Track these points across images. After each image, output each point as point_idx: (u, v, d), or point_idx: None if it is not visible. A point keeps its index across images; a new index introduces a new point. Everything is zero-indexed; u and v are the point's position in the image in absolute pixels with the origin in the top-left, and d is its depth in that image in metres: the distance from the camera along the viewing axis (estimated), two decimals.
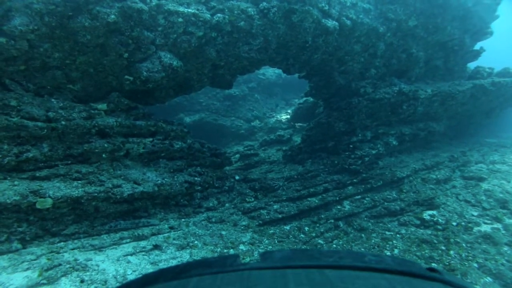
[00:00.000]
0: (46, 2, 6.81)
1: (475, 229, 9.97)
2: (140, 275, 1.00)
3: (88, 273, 6.46)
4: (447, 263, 8.35)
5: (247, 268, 0.89)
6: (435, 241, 9.39)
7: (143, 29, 8.11)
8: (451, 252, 8.88)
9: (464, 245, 9.19)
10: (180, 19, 8.32)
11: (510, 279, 7.72)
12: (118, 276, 6.58)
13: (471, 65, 17.19)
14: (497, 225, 10.10)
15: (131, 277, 6.70)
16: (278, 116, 20.30)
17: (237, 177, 11.32)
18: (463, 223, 10.27)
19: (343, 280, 0.80)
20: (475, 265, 8.34)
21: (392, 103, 12.78)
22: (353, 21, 10.76)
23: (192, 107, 19.06)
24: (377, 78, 13.06)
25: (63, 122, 7.67)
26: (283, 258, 0.94)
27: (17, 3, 6.58)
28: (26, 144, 7.30)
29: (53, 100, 8.01)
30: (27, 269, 6.15)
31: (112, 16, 7.52)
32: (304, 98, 17.19)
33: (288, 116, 19.58)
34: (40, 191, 6.97)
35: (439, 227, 10.12)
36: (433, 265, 8.26)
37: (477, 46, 16.38)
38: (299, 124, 17.76)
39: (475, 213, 10.90)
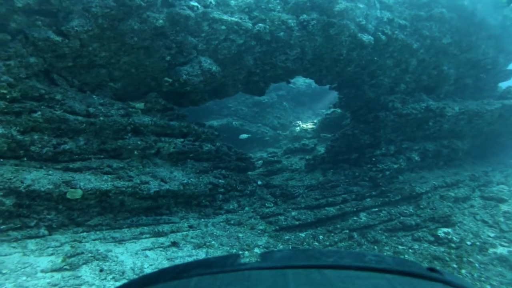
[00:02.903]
0: (103, 6, 7.51)
1: (491, 250, 10.23)
2: (141, 275, 1.04)
3: (107, 263, 7.06)
4: None
5: (247, 268, 0.92)
6: (447, 259, 9.76)
7: (187, 34, 8.80)
8: (463, 271, 9.25)
9: (477, 265, 9.52)
10: (223, 27, 8.98)
11: None
12: (136, 269, 7.18)
13: (503, 85, 17.48)
14: None
15: (147, 270, 7.24)
16: (304, 125, 20.92)
17: (259, 182, 12.01)
18: (478, 243, 10.56)
19: (343, 280, 0.82)
20: (488, 286, 8.68)
21: (419, 119, 13.30)
22: (388, 37, 11.29)
23: (220, 111, 19.90)
24: (406, 93, 13.58)
25: (101, 118, 8.42)
26: (283, 258, 0.96)
27: (77, 6, 7.28)
28: (65, 136, 8.05)
29: (94, 96, 8.75)
30: (52, 254, 6.84)
31: (160, 21, 8.23)
32: (332, 109, 17.82)
33: (314, 126, 20.20)
34: (72, 182, 7.67)
35: (452, 245, 10.43)
36: None
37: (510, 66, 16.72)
38: (323, 134, 18.44)
39: (492, 234, 11.19)
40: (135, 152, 9.02)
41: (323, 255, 0.97)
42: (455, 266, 9.49)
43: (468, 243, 10.58)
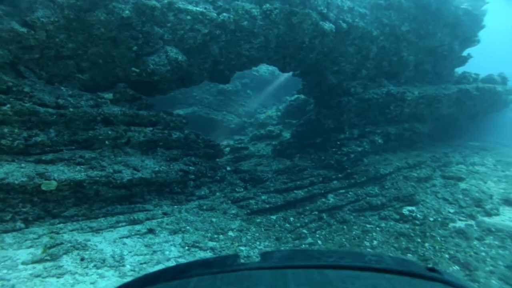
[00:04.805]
0: None
1: (451, 225, 11.19)
2: (140, 275, 1.08)
3: (87, 252, 7.30)
4: (422, 254, 9.59)
5: (247, 268, 0.93)
6: (412, 234, 10.57)
7: (153, 24, 9.23)
8: (426, 244, 10.09)
9: (438, 238, 10.41)
10: (188, 17, 9.47)
11: (474, 267, 9.01)
12: (116, 256, 7.44)
13: (459, 70, 18.81)
14: (471, 222, 11.38)
15: (127, 257, 7.55)
16: (269, 112, 21.66)
17: (228, 168, 12.60)
18: (439, 219, 11.50)
19: (343, 280, 0.83)
20: (447, 256, 9.57)
21: (380, 104, 14.26)
22: (349, 24, 12.09)
23: (185, 100, 20.37)
24: (368, 79, 14.53)
25: (71, 109, 8.67)
26: (283, 258, 0.99)
27: None
28: (35, 128, 8.25)
29: (62, 88, 9.02)
30: (31, 246, 7.03)
31: (127, 12, 8.62)
32: (296, 96, 18.59)
33: (279, 113, 20.95)
34: (46, 173, 7.88)
35: (417, 222, 11.31)
36: (409, 255, 9.55)
37: (465, 53, 18.04)
38: (288, 120, 19.18)
39: (452, 210, 12.18)
40: (106, 142, 9.31)
41: (323, 255, 1.00)
42: (419, 240, 10.28)
43: (431, 219, 11.45)
